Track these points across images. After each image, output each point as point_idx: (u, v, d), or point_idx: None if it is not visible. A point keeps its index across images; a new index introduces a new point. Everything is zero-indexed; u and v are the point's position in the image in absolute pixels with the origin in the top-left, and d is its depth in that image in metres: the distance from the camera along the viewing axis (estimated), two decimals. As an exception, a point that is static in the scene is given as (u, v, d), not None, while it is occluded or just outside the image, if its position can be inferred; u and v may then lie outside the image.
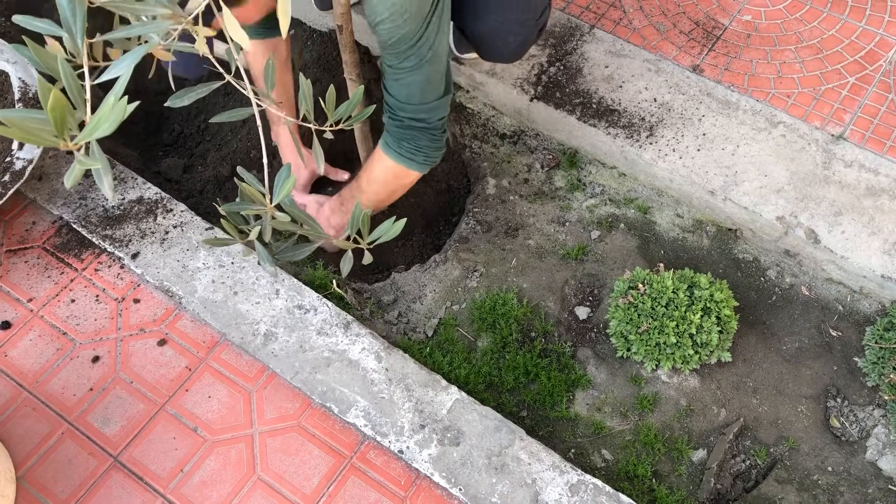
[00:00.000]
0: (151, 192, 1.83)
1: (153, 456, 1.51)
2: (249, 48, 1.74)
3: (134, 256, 1.72)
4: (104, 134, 0.67)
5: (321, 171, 1.28)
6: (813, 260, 1.89)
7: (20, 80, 1.83)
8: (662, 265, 1.78)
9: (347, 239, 1.15)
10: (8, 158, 1.71)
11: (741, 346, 1.81)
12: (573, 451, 1.69)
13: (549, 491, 1.47)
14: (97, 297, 1.69)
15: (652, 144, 1.99)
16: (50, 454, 1.51)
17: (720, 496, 1.65)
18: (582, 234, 1.99)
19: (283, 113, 1.15)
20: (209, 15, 0.85)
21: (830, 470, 1.67)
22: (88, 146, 0.70)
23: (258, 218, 0.99)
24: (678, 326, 1.66)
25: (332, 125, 1.05)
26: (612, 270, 1.92)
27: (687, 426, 1.72)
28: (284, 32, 0.83)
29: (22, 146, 1.73)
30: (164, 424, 1.54)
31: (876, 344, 1.76)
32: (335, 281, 1.79)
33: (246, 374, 1.60)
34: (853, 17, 2.23)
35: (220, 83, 0.93)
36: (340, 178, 1.94)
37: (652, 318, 1.68)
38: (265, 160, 0.94)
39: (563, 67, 2.14)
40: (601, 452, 1.69)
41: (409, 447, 1.51)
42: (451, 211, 2.09)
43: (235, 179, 0.97)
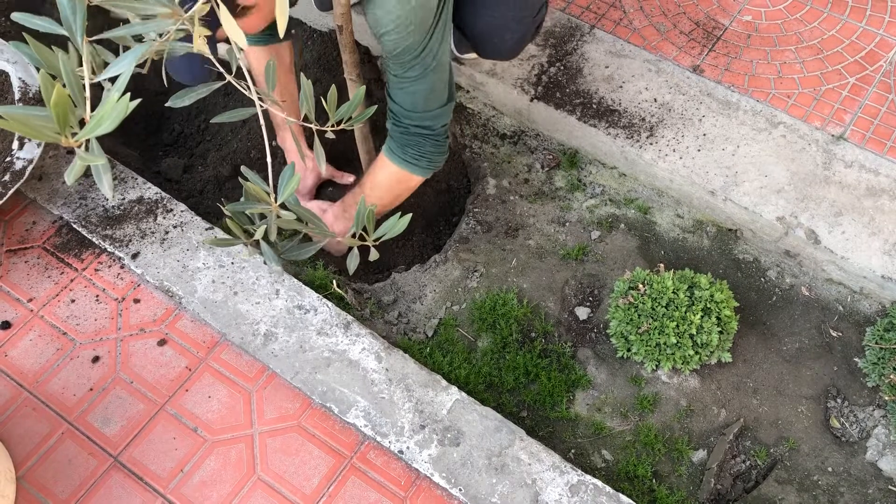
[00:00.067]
0: (151, 191, 1.83)
1: (153, 456, 1.51)
2: (247, 48, 1.74)
3: (134, 256, 1.72)
4: (106, 131, 0.67)
5: (323, 170, 1.28)
6: (813, 260, 1.89)
7: (20, 79, 1.83)
8: (663, 265, 1.78)
9: (353, 236, 1.15)
10: (8, 158, 1.71)
11: (741, 346, 1.81)
12: (573, 451, 1.69)
13: (549, 491, 1.47)
14: (97, 297, 1.69)
15: (652, 145, 1.99)
16: (50, 454, 1.51)
17: (720, 496, 1.64)
18: (582, 234, 1.99)
19: (285, 114, 1.15)
20: (215, 22, 0.85)
21: (830, 470, 1.67)
22: (89, 143, 0.70)
23: (262, 218, 0.99)
24: (678, 327, 1.66)
25: (333, 125, 1.05)
26: (612, 271, 1.92)
27: (687, 426, 1.72)
28: (282, 32, 0.83)
29: (22, 146, 1.73)
30: (164, 424, 1.54)
31: (876, 344, 1.76)
32: (335, 281, 1.79)
33: (246, 374, 1.60)
34: (853, 17, 2.23)
35: (221, 83, 0.93)
36: (346, 181, 1.94)
37: (652, 318, 1.68)
38: (268, 159, 0.94)
39: (563, 68, 2.14)
40: (601, 453, 1.69)
41: (409, 447, 1.51)
42: (451, 211, 2.09)
43: (240, 179, 0.97)
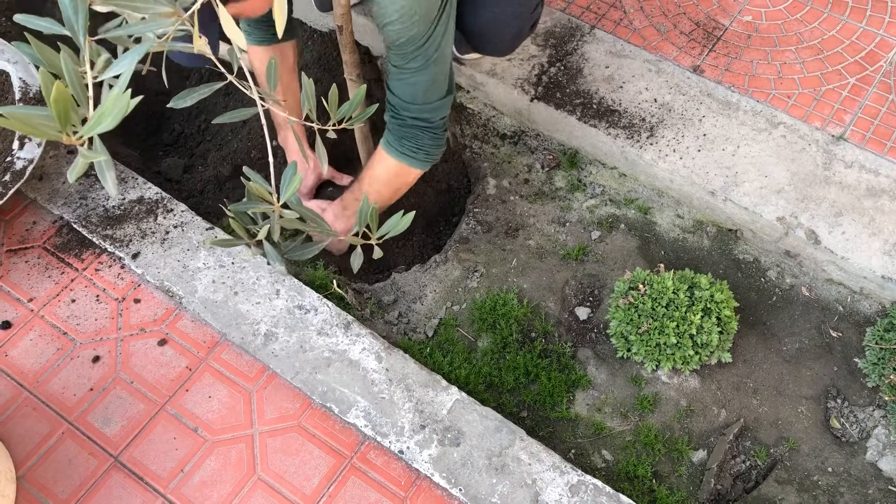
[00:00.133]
0: (152, 191, 1.83)
1: (153, 456, 1.51)
2: (251, 48, 1.74)
3: (134, 256, 1.72)
4: (108, 128, 0.67)
5: (325, 171, 1.28)
6: (813, 260, 1.89)
7: (21, 79, 1.83)
8: (663, 266, 1.78)
9: (356, 235, 1.15)
10: (8, 158, 1.71)
11: (741, 346, 1.81)
12: (573, 451, 1.69)
13: (549, 491, 1.47)
14: (98, 296, 1.69)
15: (652, 145, 1.99)
16: (50, 454, 1.51)
17: (720, 497, 1.65)
18: (582, 234, 1.99)
19: (286, 114, 1.15)
20: (212, 25, 0.85)
21: (830, 471, 1.67)
22: (91, 142, 0.70)
23: (265, 218, 0.99)
24: (678, 327, 1.66)
25: (334, 124, 1.05)
26: (612, 271, 1.92)
27: (687, 427, 1.72)
28: (280, 32, 0.83)
29: (22, 146, 1.73)
30: (164, 424, 1.54)
31: (876, 345, 1.76)
32: (335, 281, 1.79)
33: (246, 374, 1.60)
34: (854, 17, 2.23)
35: (222, 83, 0.93)
36: (344, 182, 1.94)
37: (652, 318, 1.68)
38: (270, 159, 0.94)
39: (563, 68, 2.14)
40: (601, 453, 1.69)
41: (409, 447, 1.51)
42: (451, 211, 2.09)
43: (242, 179, 0.97)
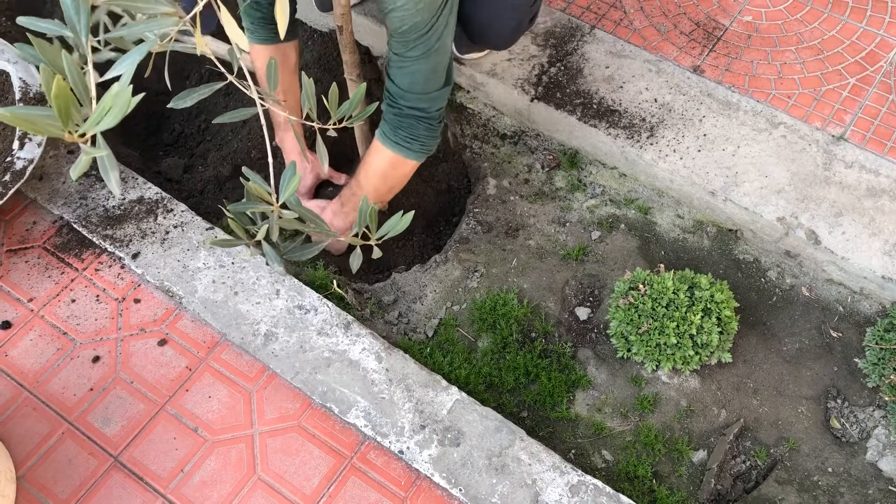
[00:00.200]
0: (152, 191, 1.83)
1: (153, 456, 1.51)
2: (253, 47, 1.74)
3: (134, 256, 1.72)
4: (110, 125, 0.67)
5: (325, 171, 1.28)
6: (813, 261, 1.89)
7: (21, 80, 1.83)
8: (663, 266, 1.78)
9: (356, 235, 1.15)
10: (8, 158, 1.71)
11: (741, 346, 1.81)
12: (573, 451, 1.69)
13: (549, 491, 1.47)
14: (98, 296, 1.69)
15: (652, 145, 1.99)
16: (50, 454, 1.51)
17: (720, 497, 1.64)
18: (582, 234, 1.99)
19: (286, 113, 1.15)
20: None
21: (831, 471, 1.67)
22: (94, 139, 0.70)
23: (264, 218, 0.99)
24: (679, 327, 1.66)
25: (334, 123, 1.05)
26: (612, 271, 1.92)
27: (687, 427, 1.72)
28: (282, 32, 0.83)
29: (22, 146, 1.73)
30: (164, 424, 1.54)
31: (876, 345, 1.76)
32: (335, 281, 1.79)
33: (246, 374, 1.60)
34: (854, 18, 2.23)
35: (222, 83, 0.93)
36: (342, 181, 1.94)
37: (652, 318, 1.68)
38: (270, 159, 0.94)
39: (563, 68, 2.14)
40: (601, 453, 1.69)
41: (409, 447, 1.51)
42: (451, 211, 2.09)
43: (241, 179, 0.97)
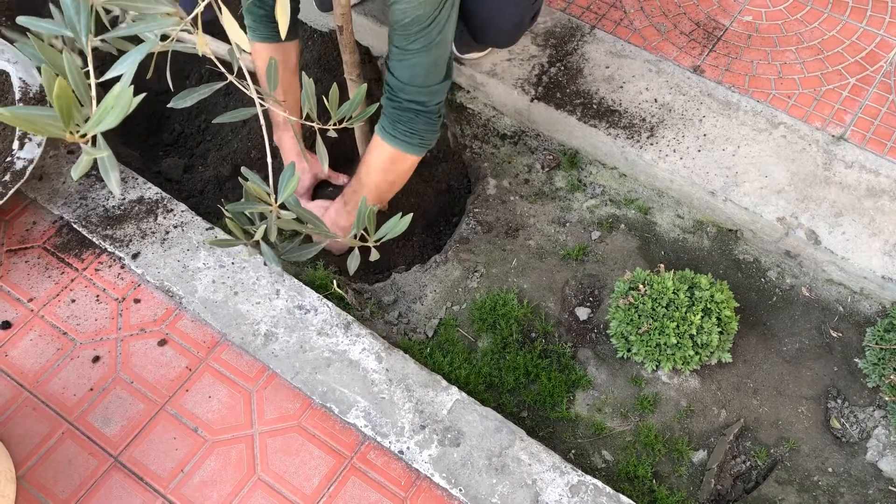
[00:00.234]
0: (152, 191, 1.83)
1: (153, 456, 1.51)
2: (254, 46, 1.74)
3: (134, 256, 1.72)
4: (111, 125, 0.67)
5: (325, 171, 1.29)
6: (813, 261, 1.89)
7: (21, 79, 1.83)
8: (663, 266, 1.78)
9: (354, 237, 1.15)
10: (8, 158, 1.71)
11: (741, 346, 1.81)
12: (573, 451, 1.69)
13: (549, 492, 1.47)
14: (97, 297, 1.69)
15: (653, 145, 1.99)
16: (50, 454, 1.51)
17: (720, 497, 1.64)
18: (582, 234, 1.99)
19: (286, 113, 1.15)
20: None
21: (831, 471, 1.67)
22: (94, 140, 0.70)
23: (263, 218, 0.99)
24: (679, 327, 1.66)
25: (335, 124, 1.05)
26: (612, 271, 1.92)
27: (687, 427, 1.72)
28: (283, 32, 0.83)
29: (22, 146, 1.73)
30: (164, 424, 1.54)
31: (876, 345, 1.76)
32: (335, 281, 1.79)
33: (246, 374, 1.60)
34: (854, 18, 2.23)
35: (222, 83, 0.93)
36: (340, 181, 1.94)
37: (652, 318, 1.68)
38: (269, 160, 0.94)
39: (563, 68, 2.14)
40: (601, 453, 1.69)
41: (409, 448, 1.51)
42: (451, 211, 2.09)
43: (240, 179, 0.97)
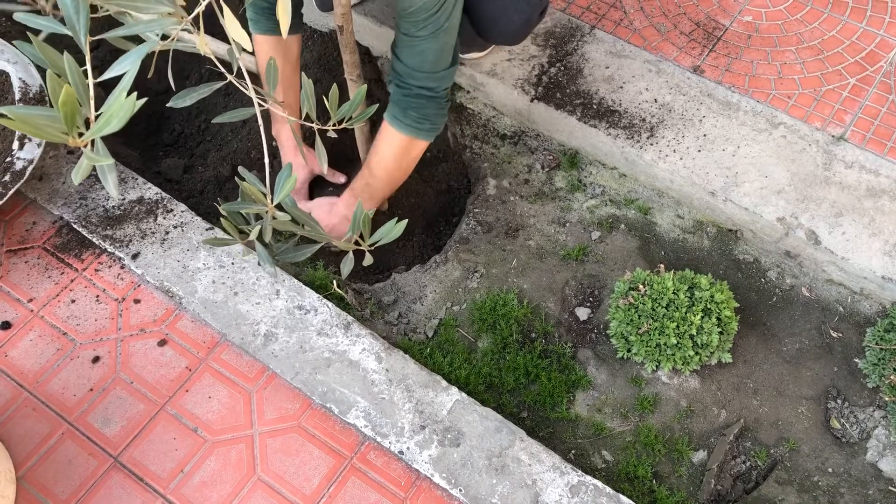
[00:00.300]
0: (152, 192, 1.83)
1: (153, 456, 1.51)
2: (255, 38, 1.74)
3: (134, 257, 1.72)
4: (113, 130, 0.67)
5: (325, 170, 1.29)
6: (813, 261, 1.89)
7: (20, 80, 1.83)
8: (663, 266, 1.78)
9: (348, 241, 1.15)
10: (8, 158, 1.71)
11: (741, 347, 1.81)
12: (573, 451, 1.69)
13: (549, 492, 1.47)
14: (97, 297, 1.69)
15: (652, 145, 1.99)
16: (50, 454, 1.51)
17: (720, 497, 1.64)
18: (582, 234, 1.99)
19: (285, 112, 1.15)
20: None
21: (831, 471, 1.67)
22: (94, 143, 0.70)
23: (259, 218, 0.99)
24: (679, 327, 1.66)
25: (335, 124, 1.05)
26: (612, 271, 1.92)
27: (687, 427, 1.72)
28: (285, 33, 0.83)
29: (22, 146, 1.73)
30: (164, 425, 1.54)
31: (876, 345, 1.76)
32: (335, 281, 1.79)
33: (246, 374, 1.59)
34: (854, 18, 2.23)
35: (222, 83, 0.93)
36: (338, 180, 1.93)
37: (652, 319, 1.68)
38: (266, 160, 0.93)
39: (563, 68, 2.14)
40: (601, 453, 1.69)
41: (409, 448, 1.51)
42: (451, 211, 2.09)
43: (236, 179, 0.96)
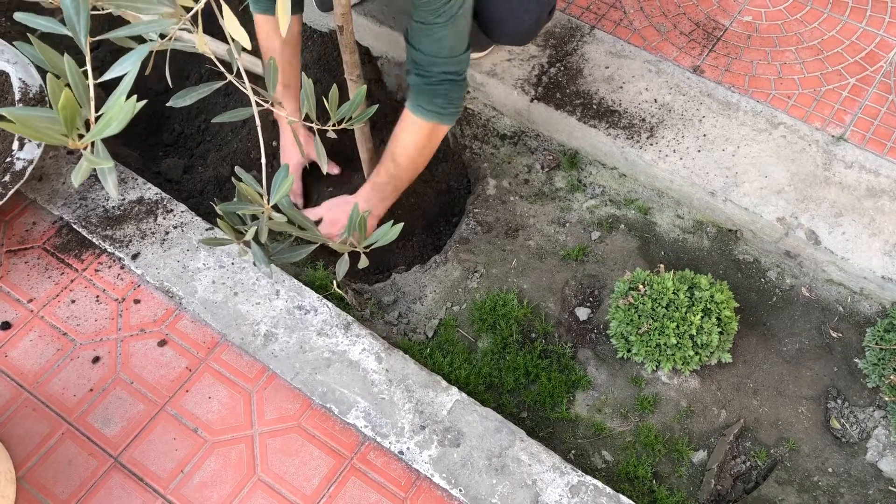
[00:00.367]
0: (152, 192, 1.83)
1: (153, 456, 1.51)
2: (254, 17, 1.75)
3: (134, 257, 1.72)
4: (112, 133, 0.67)
5: (324, 169, 1.28)
6: (813, 261, 1.89)
7: (20, 80, 1.83)
8: (663, 266, 1.78)
9: (343, 242, 1.15)
10: (8, 159, 1.71)
11: (741, 347, 1.81)
12: (573, 452, 1.69)
13: (549, 492, 1.47)
14: (97, 297, 1.69)
15: (652, 145, 1.99)
16: (50, 455, 1.51)
17: (720, 497, 1.64)
18: (582, 234, 1.99)
19: (284, 113, 1.15)
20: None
21: (831, 471, 1.67)
22: (94, 144, 0.70)
23: (255, 218, 0.99)
24: (678, 327, 1.66)
25: (334, 124, 1.05)
26: (612, 271, 1.92)
27: (687, 427, 1.72)
28: (284, 32, 0.83)
29: (22, 146, 1.73)
30: (164, 425, 1.54)
31: (876, 345, 1.76)
32: (335, 282, 1.79)
33: (246, 374, 1.60)
34: (853, 18, 2.23)
35: (221, 83, 0.93)
36: (332, 170, 1.93)
37: (652, 319, 1.68)
38: (263, 160, 0.93)
39: (563, 68, 2.14)
40: (601, 453, 1.69)
41: (409, 448, 1.51)
42: (451, 212, 2.09)
43: (233, 179, 0.96)
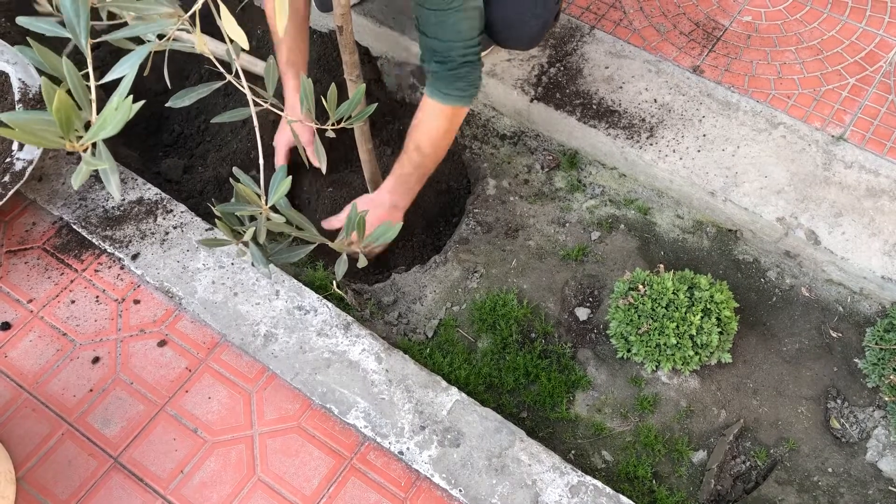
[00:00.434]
0: (151, 192, 1.83)
1: (153, 457, 1.51)
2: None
3: (134, 257, 1.72)
4: (110, 134, 0.67)
5: (324, 169, 1.28)
6: (813, 261, 1.89)
7: (20, 80, 1.83)
8: (662, 266, 1.78)
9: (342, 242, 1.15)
10: (8, 159, 1.71)
11: (741, 347, 1.81)
12: (573, 452, 1.69)
13: (549, 492, 1.47)
14: (97, 297, 1.69)
15: (652, 145, 1.99)
16: (50, 455, 1.51)
17: (720, 497, 1.64)
18: (582, 234, 1.99)
19: (283, 113, 1.15)
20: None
21: (830, 471, 1.67)
22: (94, 146, 0.70)
23: (254, 219, 0.98)
24: (678, 327, 1.66)
25: (333, 124, 1.05)
26: (612, 271, 1.92)
27: (687, 427, 1.72)
28: (281, 32, 0.83)
29: (22, 147, 1.73)
30: (164, 425, 1.54)
31: (876, 345, 1.76)
32: (335, 282, 1.79)
33: (246, 375, 1.60)
34: (853, 18, 2.23)
35: (220, 83, 0.93)
36: (318, 164, 1.93)
37: (652, 319, 1.68)
38: (261, 160, 0.93)
39: (563, 68, 2.14)
40: (601, 453, 1.69)
41: (409, 448, 1.51)
42: (451, 212, 2.09)
43: (231, 180, 0.96)
